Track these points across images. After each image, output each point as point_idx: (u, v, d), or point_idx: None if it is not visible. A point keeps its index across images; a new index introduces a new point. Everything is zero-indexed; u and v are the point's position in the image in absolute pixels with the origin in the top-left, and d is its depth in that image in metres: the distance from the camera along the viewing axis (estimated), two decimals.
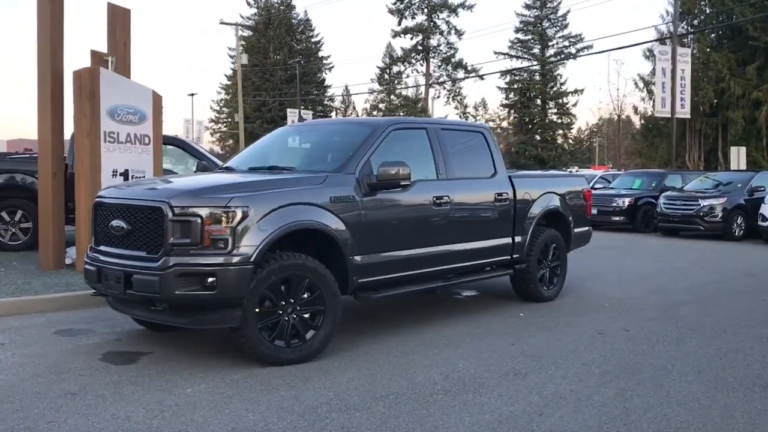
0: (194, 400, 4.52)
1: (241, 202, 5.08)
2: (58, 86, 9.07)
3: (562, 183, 8.48)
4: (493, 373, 5.19)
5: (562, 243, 8.20)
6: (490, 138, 7.49)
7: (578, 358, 5.64)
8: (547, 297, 7.95)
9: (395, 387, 4.83)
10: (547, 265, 8.03)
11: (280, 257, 5.28)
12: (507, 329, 6.60)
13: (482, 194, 7.10)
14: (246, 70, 67.51)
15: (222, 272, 4.97)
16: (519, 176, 7.83)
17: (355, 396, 4.64)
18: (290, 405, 4.45)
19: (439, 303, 7.98)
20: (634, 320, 7.06)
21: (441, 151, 6.73)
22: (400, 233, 6.20)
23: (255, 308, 5.17)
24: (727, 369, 5.36)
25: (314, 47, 69.73)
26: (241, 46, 68.14)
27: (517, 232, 7.52)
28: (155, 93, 9.71)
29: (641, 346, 6.04)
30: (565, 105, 63.40)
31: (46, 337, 6.14)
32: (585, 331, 6.54)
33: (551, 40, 62.15)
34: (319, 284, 5.42)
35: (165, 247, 5.03)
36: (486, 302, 8.03)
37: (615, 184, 20.32)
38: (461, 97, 64.19)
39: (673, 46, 25.77)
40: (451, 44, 61.97)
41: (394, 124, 6.44)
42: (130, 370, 5.19)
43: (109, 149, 9.06)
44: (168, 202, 5.06)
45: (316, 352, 5.45)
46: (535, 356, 5.66)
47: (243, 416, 4.25)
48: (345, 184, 5.77)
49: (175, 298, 5.01)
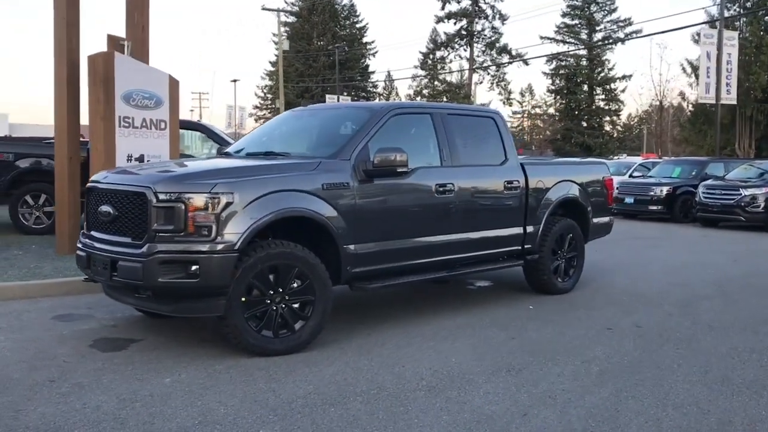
0: (170, 391, 4.42)
1: (226, 188, 4.95)
2: (74, 71, 9.09)
3: (580, 171, 8.16)
4: (485, 368, 4.98)
5: (579, 233, 7.89)
6: (502, 124, 7.22)
7: (579, 354, 5.38)
8: (561, 289, 7.66)
9: (379, 382, 4.66)
10: (563, 256, 7.73)
11: (268, 245, 5.14)
12: (511, 322, 6.36)
13: (490, 182, 6.85)
14: (290, 56, 67.77)
15: (205, 260, 4.86)
16: (532, 164, 7.54)
17: (335, 390, 4.48)
18: (265, 398, 4.32)
19: (448, 294, 7.76)
20: (649, 315, 6.74)
21: (446, 137, 6.49)
22: (399, 222, 6.00)
23: (241, 297, 5.04)
24: (737, 370, 5.05)
25: (358, 33, 69.51)
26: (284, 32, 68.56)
27: (529, 222, 7.24)
28: (172, 78, 9.65)
29: (650, 343, 5.74)
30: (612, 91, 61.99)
31: (43, 322, 6.13)
32: (593, 326, 6.26)
33: (599, 24, 60.74)
34: (308, 273, 5.27)
35: (149, 234, 4.93)
36: (497, 293, 7.79)
37: (654, 172, 19.68)
38: (505, 82, 63.24)
39: (719, 29, 24.78)
40: (496, 29, 61.06)
41: (394, 108, 6.23)
42: (115, 358, 5.13)
43: (123, 134, 9.03)
44: (151, 188, 4.96)
45: (305, 343, 5.31)
46: (534, 351, 5.42)
47: (214, 409, 4.13)
48: (339, 171, 5.59)
49: (158, 285, 4.92)
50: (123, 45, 9.43)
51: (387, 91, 75.48)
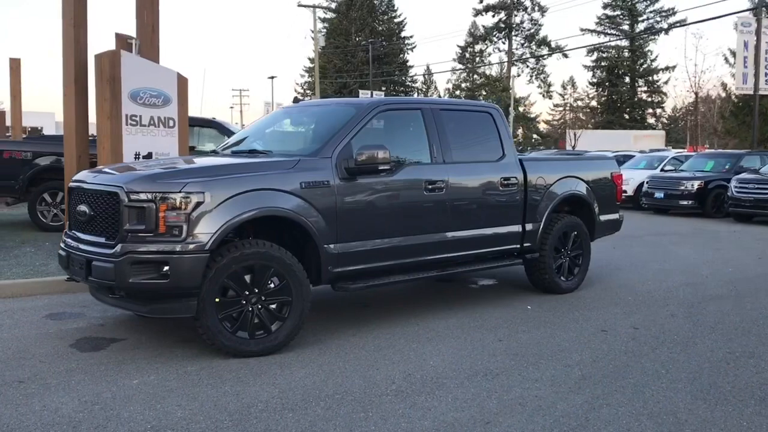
0: (133, 393, 4.37)
1: (197, 187, 4.88)
2: (82, 70, 9.13)
3: (585, 167, 7.90)
4: (462, 372, 4.82)
5: (584, 231, 7.65)
6: (500, 119, 7.02)
7: (564, 358, 5.18)
8: (565, 288, 7.43)
9: (347, 386, 4.55)
10: (567, 254, 7.50)
11: (242, 245, 5.07)
12: (503, 323, 6.18)
13: (485, 179, 6.66)
14: (328, 52, 68.10)
15: (175, 261, 4.80)
16: (532, 159, 7.33)
17: (300, 394, 4.38)
18: (226, 402, 4.24)
19: (448, 292, 7.60)
20: (649, 316, 6.49)
21: (438, 133, 6.33)
22: (385, 220, 5.87)
23: (215, 298, 4.98)
24: (728, 376, 4.80)
25: (396, 28, 69.44)
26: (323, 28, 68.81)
27: (528, 219, 7.03)
28: (180, 76, 9.66)
29: (643, 346, 5.51)
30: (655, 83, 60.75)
31: (34, 320, 6.16)
32: (588, 328, 6.05)
33: (641, 14, 59.46)
34: (285, 274, 5.18)
35: (121, 234, 4.90)
36: (498, 293, 7.60)
37: (686, 165, 19.11)
38: (545, 75, 62.43)
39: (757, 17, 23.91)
40: (535, 21, 60.35)
41: (380, 105, 6.09)
42: (91, 358, 5.11)
43: (131, 132, 9.05)
44: (123, 187, 4.93)
45: (282, 345, 5.22)
46: (518, 355, 5.25)
47: (171, 412, 4.07)
48: (319, 169, 5.48)
49: (129, 286, 4.88)
50: (131, 43, 9.48)
51: (426, 85, 75.25)
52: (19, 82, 16.83)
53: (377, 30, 67.75)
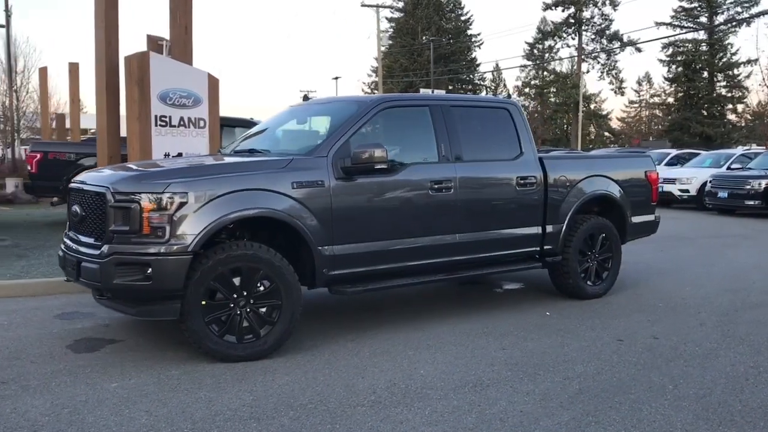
0: (107, 397, 4.29)
1: (180, 188, 4.78)
2: (113, 72, 9.25)
3: (615, 165, 7.46)
4: (450, 383, 4.56)
5: (613, 233, 7.22)
6: (518, 115, 6.68)
7: (567, 369, 4.85)
8: (591, 293, 7.03)
9: (325, 395, 4.35)
10: (594, 257, 7.10)
11: (229, 247, 4.94)
12: (514, 330, 5.86)
13: (499, 178, 6.34)
14: (394, 51, 67.99)
15: (157, 262, 4.72)
16: (553, 158, 6.96)
17: (272, 403, 4.21)
18: (195, 409, 4.11)
19: (466, 296, 7.32)
20: (675, 325, 6.05)
21: (446, 131, 6.06)
22: (385, 222, 5.65)
23: (201, 300, 4.87)
24: (743, 394, 4.38)
25: (463, 25, 68.73)
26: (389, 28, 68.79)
27: (549, 221, 6.68)
28: (211, 76, 9.67)
29: (657, 358, 5.11)
30: (735, 77, 58.09)
31: (44, 320, 6.21)
32: (603, 337, 5.67)
33: (720, 6, 56.96)
34: (274, 277, 5.03)
35: (107, 235, 4.86)
36: (520, 297, 7.26)
37: (754, 164, 18.06)
38: (617, 71, 60.60)
39: None
40: (606, 16, 58.53)
41: (383, 102, 5.86)
42: (82, 359, 5.08)
43: (160, 133, 9.11)
44: (110, 188, 4.88)
45: (271, 350, 5.07)
46: (518, 365, 4.94)
47: (136, 419, 3.97)
48: (313, 168, 5.31)
49: (114, 287, 4.84)
50: (161, 45, 9.55)
51: (495, 83, 74.24)
52: (77, 86, 17.35)
53: (444, 28, 67.17)
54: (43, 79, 17.95)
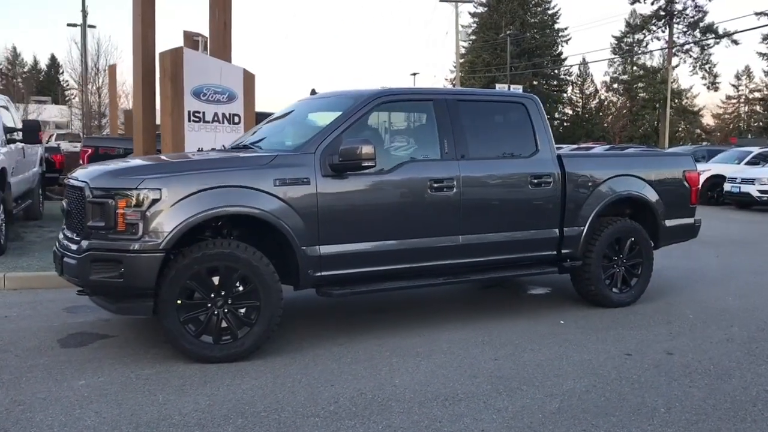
0: (67, 395, 4.23)
1: (153, 184, 4.68)
2: (150, 68, 9.33)
3: (647, 164, 6.91)
4: (421, 395, 4.27)
5: (644, 237, 6.70)
6: (535, 110, 6.26)
7: (554, 385, 4.47)
8: (617, 301, 6.55)
9: (283, 402, 4.15)
10: (621, 263, 6.61)
11: (205, 245, 4.81)
12: (517, 339, 5.49)
13: (509, 176, 5.96)
14: (477, 47, 67.20)
15: (128, 259, 4.64)
16: (574, 156, 6.52)
17: (226, 409, 4.04)
18: (145, 412, 3.99)
19: (484, 302, 6.97)
20: (698, 340, 5.53)
21: (451, 127, 5.73)
22: (377, 222, 5.39)
23: (177, 299, 4.76)
24: (744, 422, 3.91)
25: (549, 19, 67.06)
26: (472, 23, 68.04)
27: (568, 223, 6.25)
28: (247, 72, 9.65)
29: (661, 377, 4.65)
30: None
31: (51, 313, 6.27)
32: (611, 350, 5.23)
33: None
34: (251, 277, 4.87)
35: (85, 230, 4.82)
36: (540, 303, 6.85)
37: None
38: (710, 65, 57.66)
39: None
40: (700, 7, 55.65)
41: (380, 96, 5.58)
42: (64, 355, 5.05)
43: (193, 129, 9.15)
44: (88, 183, 4.84)
45: (248, 352, 4.91)
46: (502, 378, 4.60)
47: (83, 420, 3.88)
48: (298, 165, 5.11)
49: (90, 283, 4.81)
50: (197, 41, 9.59)
51: (581, 78, 72.19)
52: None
53: (529, 22, 65.76)
54: (111, 76, 18.52)
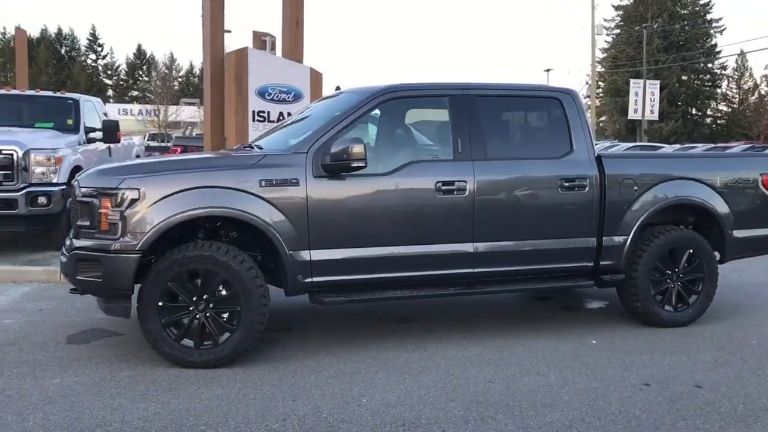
0: (30, 394, 4.23)
1: (133, 183, 4.61)
2: (218, 68, 9.45)
3: (710, 166, 6.06)
4: (379, 418, 3.91)
5: (706, 249, 5.88)
6: (572, 107, 5.62)
7: (535, 416, 3.95)
8: (669, 321, 5.79)
9: (231, 417, 3.93)
10: (676, 277, 5.85)
11: (185, 247, 4.69)
12: (525, 361, 4.94)
13: (532, 179, 5.38)
14: (620, 41, 64.23)
15: (107, 259, 4.60)
16: (617, 156, 5.85)
17: (168, 420, 3.88)
18: (89, 417, 3.90)
19: (516, 313, 6.42)
20: (743, 373, 4.75)
21: (467, 124, 5.27)
22: (378, 226, 5.04)
23: (158, 301, 4.67)
24: None
25: (702, 10, 62.87)
26: (616, 16, 65.04)
27: (608, 231, 5.59)
28: (314, 71, 9.57)
29: (668, 415, 4.00)
30: None
31: (82, 307, 6.33)
32: (629, 378, 4.59)
33: None
34: (232, 281, 4.69)
35: (74, 229, 4.86)
36: (583, 319, 6.20)
37: None
38: None
39: None
40: None
41: (387, 92, 5.20)
42: (62, 351, 5.10)
43: (258, 128, 9.16)
44: (79, 182, 4.87)
45: (228, 358, 4.73)
46: (483, 404, 4.13)
47: (25, 421, 3.85)
48: (288, 166, 4.87)
49: (78, 283, 4.82)
50: (264, 41, 9.60)
51: (738, 72, 67.09)
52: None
53: (678, 14, 62.00)
54: None
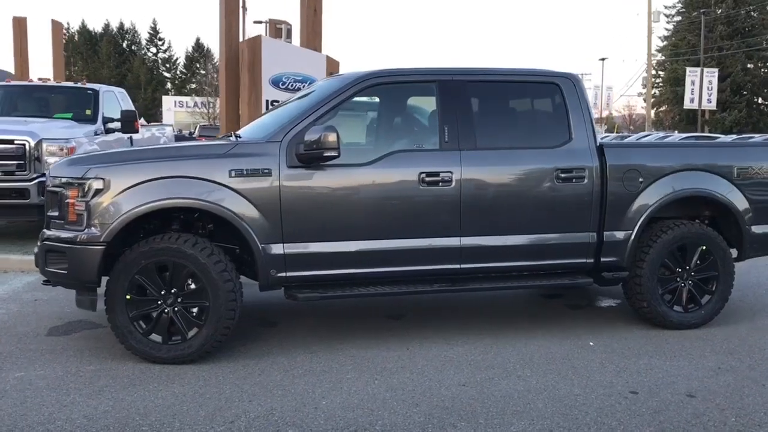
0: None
1: (98, 173, 4.48)
2: (233, 58, 9.32)
3: (725, 155, 5.58)
4: (331, 424, 3.68)
5: (721, 246, 5.45)
6: (571, 92, 5.25)
7: (498, 426, 3.67)
8: (678, 323, 5.38)
9: (177, 417, 3.77)
10: (687, 276, 5.44)
11: (153, 239, 4.54)
12: (510, 363, 4.63)
13: (525, 169, 5.04)
14: (681, 28, 62.24)
15: (71, 251, 4.50)
16: (621, 145, 5.43)
17: (117, 417, 3.75)
18: (39, 413, 3.80)
19: (520, 311, 6.08)
20: (745, 382, 4.35)
21: (456, 112, 4.97)
22: (355, 219, 4.79)
23: (125, 294, 4.54)
24: None
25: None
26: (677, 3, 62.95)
27: (610, 226, 5.22)
28: (330, 59, 9.38)
29: (648, 427, 3.65)
30: None
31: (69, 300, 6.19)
32: (616, 385, 4.24)
33: None
34: (199, 274, 4.52)
35: (46, 220, 4.77)
36: (587, 319, 5.81)
37: None
38: None
39: None
40: None
41: (369, 78, 4.92)
42: (37, 343, 5.03)
43: None
44: (50, 172, 4.77)
45: (196, 354, 4.57)
46: (446, 410, 3.86)
47: None
48: (259, 155, 4.67)
49: (48, 274, 4.73)
50: (280, 29, 9.43)
51: None
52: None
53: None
54: None
